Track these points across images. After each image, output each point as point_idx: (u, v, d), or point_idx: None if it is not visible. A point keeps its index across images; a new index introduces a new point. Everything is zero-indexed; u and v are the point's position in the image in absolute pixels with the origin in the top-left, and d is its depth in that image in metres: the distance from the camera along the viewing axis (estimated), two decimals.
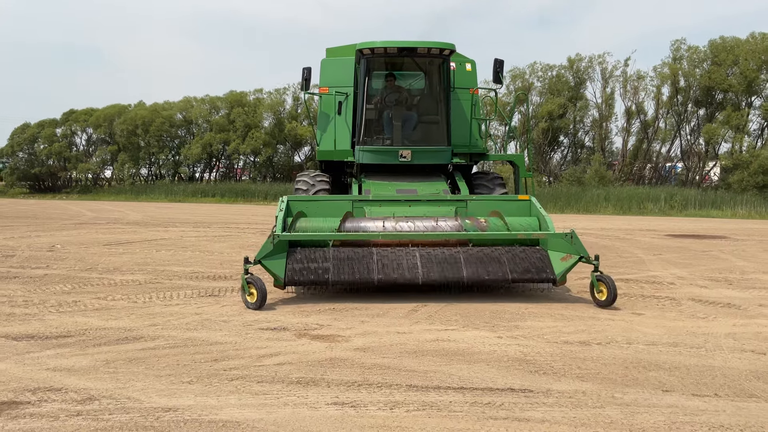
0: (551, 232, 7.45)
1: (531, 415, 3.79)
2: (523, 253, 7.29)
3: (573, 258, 7.15)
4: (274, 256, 7.00)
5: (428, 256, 7.18)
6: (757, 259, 11.46)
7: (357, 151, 9.85)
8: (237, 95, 43.05)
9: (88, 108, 47.60)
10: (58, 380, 4.41)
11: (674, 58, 34.33)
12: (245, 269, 6.79)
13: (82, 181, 48.40)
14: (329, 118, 10.41)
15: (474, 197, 8.57)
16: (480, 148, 10.49)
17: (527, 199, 8.32)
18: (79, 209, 27.17)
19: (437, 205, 8.41)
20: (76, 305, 6.93)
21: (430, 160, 9.82)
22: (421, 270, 7.02)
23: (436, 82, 10.19)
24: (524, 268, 7.12)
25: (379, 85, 10.33)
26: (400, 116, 9.92)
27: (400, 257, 7.17)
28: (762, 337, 5.72)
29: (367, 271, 6.99)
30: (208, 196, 37.64)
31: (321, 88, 10.51)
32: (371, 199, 8.46)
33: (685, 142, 35.75)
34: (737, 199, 27.60)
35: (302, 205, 8.11)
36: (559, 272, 7.09)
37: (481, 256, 7.20)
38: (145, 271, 9.29)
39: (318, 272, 6.96)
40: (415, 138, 9.96)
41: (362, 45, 9.49)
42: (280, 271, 6.95)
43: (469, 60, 10.82)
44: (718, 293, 7.95)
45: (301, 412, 3.83)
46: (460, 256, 7.19)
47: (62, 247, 12.39)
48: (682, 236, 16.00)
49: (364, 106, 9.80)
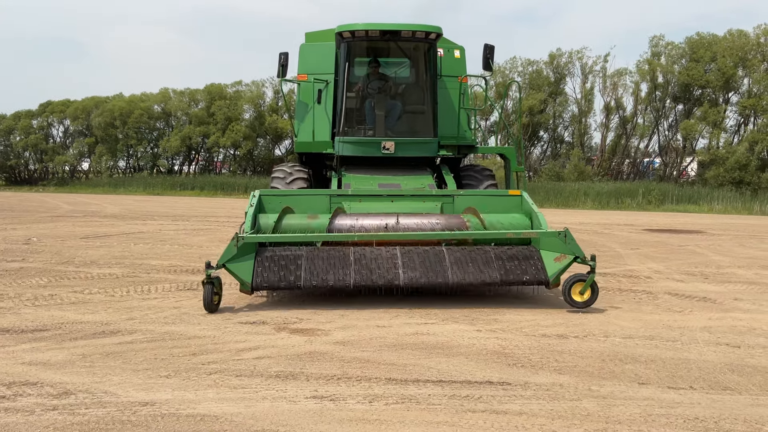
0: (544, 231, 6.91)
1: (509, 408, 3.82)
2: (513, 253, 6.77)
3: (567, 258, 6.65)
4: (240, 258, 6.43)
5: (410, 256, 6.65)
6: (733, 253, 11.62)
7: (337, 142, 9.32)
8: (216, 87, 42.74)
9: (65, 99, 47.09)
10: (34, 374, 4.36)
11: (653, 54, 34.66)
12: (207, 275, 6.26)
13: (59, 173, 47.83)
14: (308, 108, 9.78)
15: (461, 192, 8.04)
16: (469, 140, 9.98)
17: (518, 194, 7.82)
18: (56, 202, 26.85)
19: (422, 201, 7.87)
20: (53, 299, 6.85)
21: (415, 153, 9.30)
22: (401, 271, 6.46)
23: (422, 69, 9.62)
24: (514, 269, 6.59)
25: (362, 72, 9.80)
26: (383, 105, 9.35)
27: (379, 257, 6.61)
28: (737, 331, 5.81)
29: (343, 273, 6.43)
30: (188, 189, 37.39)
31: (299, 76, 9.91)
32: (350, 194, 7.89)
33: (663, 138, 36.19)
34: (714, 194, 27.98)
35: (276, 201, 7.55)
36: (552, 273, 6.58)
37: (467, 256, 6.69)
38: (123, 265, 9.21)
39: (289, 275, 6.39)
40: (399, 129, 9.42)
41: (342, 27, 8.91)
42: (246, 276, 6.37)
43: (458, 46, 10.33)
44: (694, 287, 8.05)
45: (280, 406, 3.82)
46: (445, 256, 6.67)
47: (38, 240, 12.24)
48: (660, 231, 16.18)
49: (344, 94, 9.24)
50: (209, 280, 6.25)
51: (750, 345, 5.33)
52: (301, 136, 9.76)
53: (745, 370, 4.64)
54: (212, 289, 6.27)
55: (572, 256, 6.65)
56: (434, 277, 6.46)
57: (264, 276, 6.38)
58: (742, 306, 6.96)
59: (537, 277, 6.58)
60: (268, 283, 6.38)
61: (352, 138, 9.27)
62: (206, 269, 6.28)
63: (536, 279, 6.57)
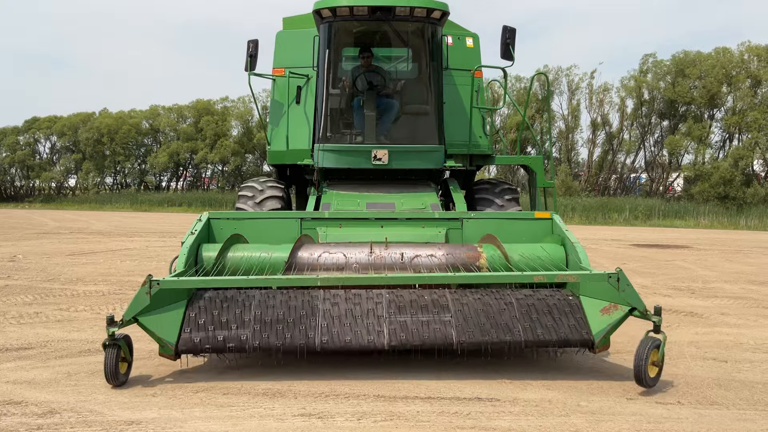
0: (586, 272, 4.95)
1: (498, 424, 3.81)
2: (543, 302, 4.95)
3: (620, 310, 4.77)
4: (161, 309, 4.64)
5: (400, 306, 4.87)
6: (719, 268, 11.70)
7: (317, 151, 7.39)
8: (204, 103, 42.80)
9: (51, 116, 46.89)
10: (19, 393, 4.31)
11: (641, 71, 35.04)
12: (110, 334, 4.37)
13: (45, 189, 47.58)
14: (283, 109, 7.97)
15: (473, 214, 6.13)
16: (483, 147, 8.05)
17: (548, 217, 6.00)
18: (42, 218, 26.66)
19: (420, 226, 6.05)
20: (38, 316, 6.79)
21: (415, 164, 7.41)
22: (387, 328, 4.70)
23: (425, 60, 7.66)
24: (545, 323, 4.79)
25: (349, 63, 8.06)
26: (374, 105, 7.45)
27: (358, 307, 4.84)
28: (723, 345, 5.83)
29: (306, 330, 4.67)
30: (175, 205, 37.25)
31: (275, 70, 8.14)
32: (326, 218, 6.06)
33: (649, 154, 36.47)
34: (700, 209, 28.22)
35: (231, 226, 5.84)
36: (599, 331, 4.74)
37: (479, 305, 4.88)
38: (109, 282, 9.14)
39: (231, 333, 4.62)
40: (395, 134, 7.58)
41: (320, 4, 7.11)
42: (169, 334, 4.60)
43: (471, 33, 8.49)
44: (681, 302, 8.08)
45: (268, 424, 3.79)
46: (448, 305, 4.87)
47: (24, 257, 12.14)
48: (647, 246, 16.26)
49: (325, 90, 7.44)
50: (113, 341, 4.39)
51: (737, 360, 5.35)
52: (275, 144, 8.00)
53: (732, 385, 4.66)
54: (117, 354, 4.41)
55: (627, 308, 4.75)
56: (431, 335, 4.69)
57: (195, 334, 4.64)
58: (729, 321, 7.00)
59: (577, 336, 4.74)
60: (198, 344, 4.60)
61: (336, 145, 7.43)
62: (108, 326, 4.38)
63: (576, 338, 4.74)
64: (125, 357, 4.54)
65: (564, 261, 5.46)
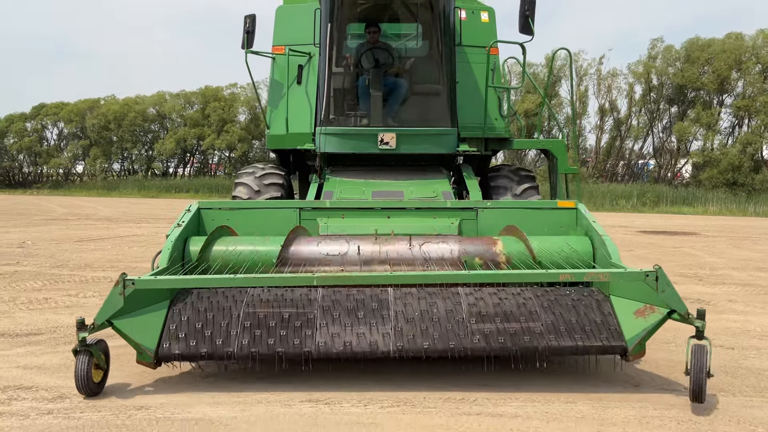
0: (620, 270, 4.30)
1: (504, 411, 3.83)
2: (569, 301, 4.41)
3: (656, 313, 4.22)
4: (138, 312, 4.19)
5: (408, 306, 4.36)
6: (727, 255, 11.66)
7: (318, 135, 6.90)
8: (212, 90, 42.80)
9: (58, 102, 47.01)
10: (29, 378, 4.36)
11: (650, 56, 34.80)
12: (81, 340, 3.95)
13: (53, 176, 47.76)
14: (283, 90, 7.46)
15: (489, 203, 5.60)
16: (500, 130, 7.53)
17: (573, 206, 5.45)
18: (50, 205, 26.78)
19: (431, 217, 5.54)
20: (47, 302, 6.84)
21: (426, 149, 6.92)
22: (393, 331, 4.20)
23: (436, 35, 7.21)
24: (571, 326, 4.24)
25: (354, 42, 7.64)
26: (381, 84, 6.93)
27: (360, 307, 4.36)
28: (730, 332, 5.83)
29: (302, 334, 4.18)
30: (183, 191, 37.34)
31: (274, 48, 7.61)
32: (328, 207, 5.57)
33: (658, 140, 36.32)
34: (708, 196, 28.09)
35: (223, 217, 5.39)
36: (633, 336, 4.17)
37: (496, 305, 4.35)
38: (117, 268, 9.19)
39: (215, 339, 4.14)
40: (403, 116, 7.08)
41: None
42: (148, 339, 4.14)
43: (486, 7, 7.97)
44: (688, 289, 8.07)
45: (275, 410, 3.82)
46: (462, 307, 4.35)
47: (33, 243, 12.20)
48: (654, 233, 16.22)
49: (327, 69, 6.85)
50: (84, 346, 3.96)
51: (744, 347, 5.35)
52: (274, 127, 7.54)
53: (739, 372, 4.66)
54: (89, 361, 3.98)
55: (665, 310, 4.21)
56: (443, 341, 4.16)
57: (177, 340, 4.16)
58: (736, 308, 6.99)
59: (608, 341, 4.19)
60: (181, 351, 4.13)
61: (339, 128, 6.92)
62: (78, 331, 3.95)
63: (606, 344, 4.18)
64: (99, 363, 4.07)
65: (591, 256, 4.91)
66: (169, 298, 4.36)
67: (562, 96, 37.48)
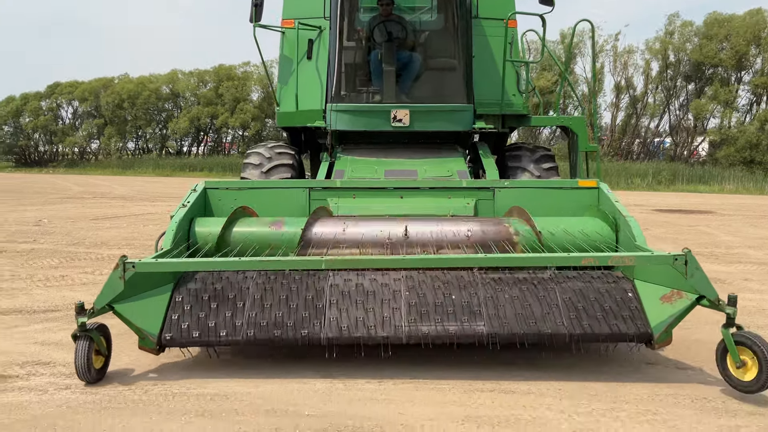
0: (647, 253, 4.06)
1: (517, 387, 3.84)
2: (591, 286, 4.24)
3: (684, 298, 4.02)
4: (140, 296, 4.07)
5: (421, 291, 4.21)
6: (743, 233, 11.56)
7: (329, 112, 6.66)
8: (225, 68, 42.76)
9: (73, 81, 47.18)
10: (47, 354, 4.42)
11: (666, 32, 34.32)
12: (80, 324, 3.82)
13: (68, 154, 48.09)
14: (293, 66, 7.18)
15: (506, 183, 5.34)
16: (518, 107, 7.24)
17: (594, 185, 5.28)
18: (65, 183, 26.98)
19: (446, 197, 5.30)
20: (64, 280, 6.91)
21: (440, 126, 6.64)
22: (405, 317, 4.07)
23: (452, 8, 6.99)
24: (592, 312, 4.08)
25: (366, 15, 7.38)
26: (394, 59, 6.64)
27: (371, 292, 4.19)
28: (746, 311, 5.79)
29: (310, 320, 4.07)
30: (197, 170, 37.46)
31: (284, 22, 7.29)
32: (339, 187, 5.33)
33: (674, 118, 35.92)
34: (725, 174, 27.79)
35: (231, 197, 5.16)
36: (658, 323, 4.01)
37: (513, 289, 4.22)
38: (133, 246, 9.26)
39: (219, 324, 4.02)
40: (417, 92, 6.83)
41: None
42: (151, 324, 4.02)
43: None
44: (703, 267, 7.97)
45: (290, 386, 3.85)
46: (477, 289, 4.23)
47: (49, 221, 12.31)
48: (669, 211, 16.10)
49: (338, 43, 6.71)
50: (84, 331, 3.83)
51: (759, 325, 5.32)
52: (284, 104, 7.27)
53: None
54: (90, 347, 3.85)
55: (693, 296, 3.98)
56: (458, 326, 4.04)
57: (181, 324, 4.03)
58: (752, 287, 6.94)
59: (632, 328, 4.01)
60: (186, 336, 4.01)
61: (350, 105, 6.68)
62: (77, 315, 3.83)
63: (631, 331, 4.00)
64: (100, 349, 3.94)
65: (614, 238, 4.66)
66: (173, 281, 4.24)
67: (577, 73, 37.11)
